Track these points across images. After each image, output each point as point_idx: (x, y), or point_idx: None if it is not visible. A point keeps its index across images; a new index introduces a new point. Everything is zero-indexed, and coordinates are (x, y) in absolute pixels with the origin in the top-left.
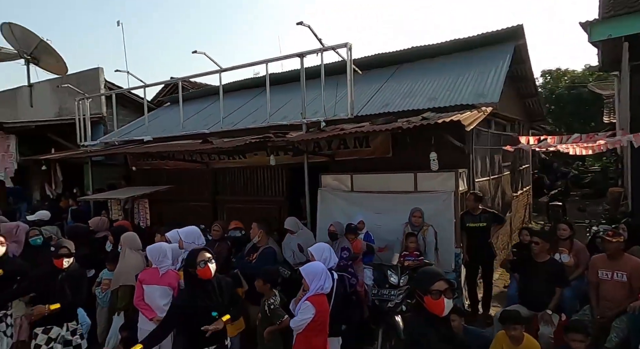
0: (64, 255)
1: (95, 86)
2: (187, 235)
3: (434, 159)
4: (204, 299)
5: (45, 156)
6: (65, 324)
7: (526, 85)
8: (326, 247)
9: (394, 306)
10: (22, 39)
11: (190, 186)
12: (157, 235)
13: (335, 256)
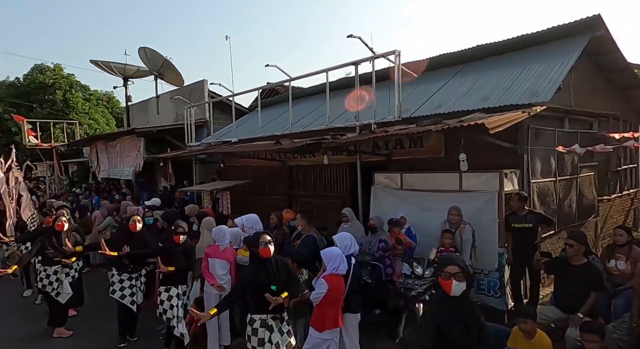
0: (180, 233)
1: (201, 95)
2: (247, 221)
3: (463, 160)
4: (264, 274)
5: (161, 154)
6: (179, 286)
7: (622, 77)
8: (348, 237)
9: (416, 294)
10: (152, 59)
11: (270, 181)
12: (229, 220)
13: (356, 244)
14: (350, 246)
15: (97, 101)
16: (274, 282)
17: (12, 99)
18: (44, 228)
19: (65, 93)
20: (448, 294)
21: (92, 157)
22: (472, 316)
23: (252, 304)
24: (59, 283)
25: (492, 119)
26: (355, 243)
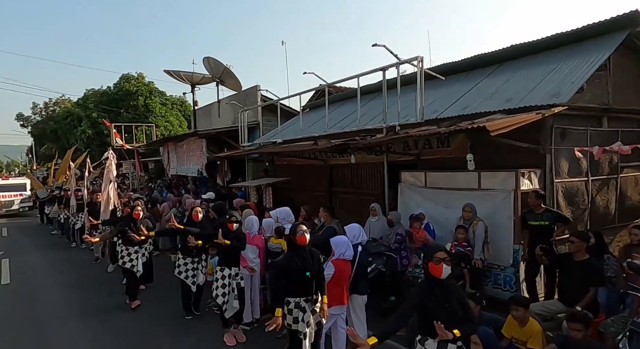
0: (233, 222)
1: (255, 99)
2: (280, 213)
3: (470, 160)
4: (300, 261)
5: (218, 154)
6: (232, 268)
7: None
8: (357, 228)
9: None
10: (214, 67)
11: (313, 179)
12: (266, 213)
13: (364, 235)
14: (358, 236)
15: (172, 105)
16: (308, 269)
17: (104, 105)
18: (124, 215)
19: (146, 99)
20: (433, 277)
21: (164, 156)
22: (456, 297)
23: (287, 289)
24: (135, 261)
25: (496, 122)
26: (363, 234)
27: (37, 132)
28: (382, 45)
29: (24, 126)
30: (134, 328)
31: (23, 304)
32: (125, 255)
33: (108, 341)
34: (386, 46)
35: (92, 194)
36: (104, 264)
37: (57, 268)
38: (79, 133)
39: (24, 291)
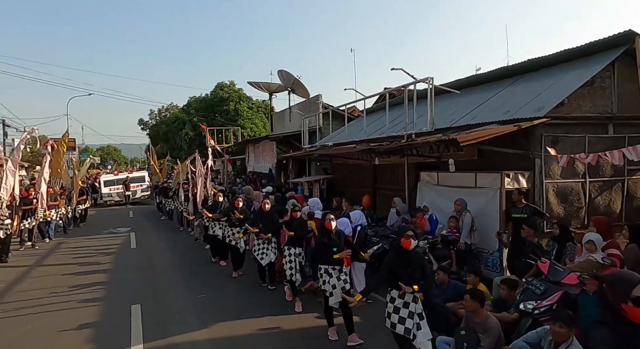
0: (297, 210)
1: (317, 107)
2: (311, 202)
3: (451, 164)
4: (328, 240)
5: (284, 154)
6: (297, 248)
7: None
8: (358, 213)
9: None
10: (286, 78)
11: (361, 176)
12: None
13: (364, 219)
14: (358, 220)
15: (257, 108)
16: (334, 245)
17: (203, 110)
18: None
19: (236, 104)
20: (403, 249)
21: (246, 155)
22: (417, 264)
23: (320, 259)
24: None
25: (466, 135)
26: (363, 218)
27: (152, 133)
28: (399, 68)
29: (143, 129)
30: (215, 280)
31: (144, 260)
32: (230, 235)
33: (196, 286)
34: (403, 69)
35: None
36: (201, 245)
37: (166, 242)
38: (183, 135)
39: (145, 253)
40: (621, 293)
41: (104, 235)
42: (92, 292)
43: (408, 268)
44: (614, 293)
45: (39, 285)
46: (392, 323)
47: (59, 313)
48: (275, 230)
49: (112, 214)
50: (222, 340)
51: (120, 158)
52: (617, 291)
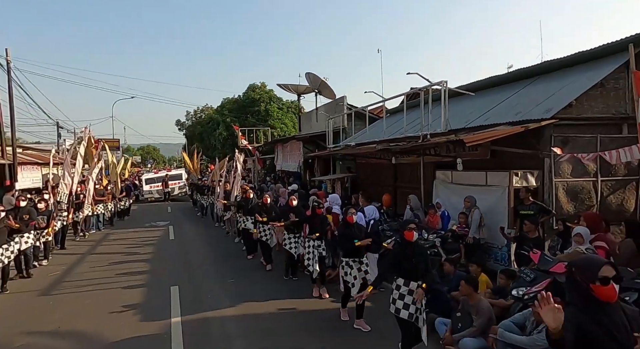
0: (317, 207)
1: (342, 108)
2: (331, 198)
3: (459, 163)
4: (350, 232)
5: (310, 154)
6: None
7: None
8: (371, 208)
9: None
10: (313, 80)
11: (382, 175)
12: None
13: (377, 214)
14: (372, 214)
15: (287, 109)
16: (355, 237)
17: (235, 111)
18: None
19: (266, 105)
20: (406, 241)
21: (275, 154)
22: (421, 255)
23: (342, 251)
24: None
25: (471, 136)
26: (376, 213)
27: (188, 133)
28: (414, 73)
29: (180, 129)
30: (243, 269)
31: (181, 250)
32: (262, 231)
33: (226, 272)
34: (419, 73)
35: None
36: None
37: (201, 235)
38: (217, 135)
39: (181, 244)
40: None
41: (145, 228)
42: (137, 275)
43: (412, 259)
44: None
45: (93, 268)
46: (396, 309)
47: (111, 291)
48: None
49: (152, 209)
50: (247, 316)
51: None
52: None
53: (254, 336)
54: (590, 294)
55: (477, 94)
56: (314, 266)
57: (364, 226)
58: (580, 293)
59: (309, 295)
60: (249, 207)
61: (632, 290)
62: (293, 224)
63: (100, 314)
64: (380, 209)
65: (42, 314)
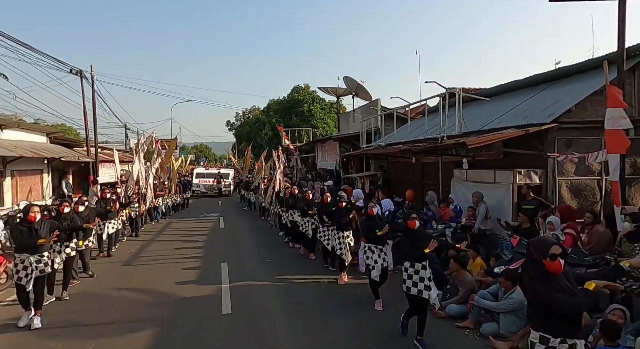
0: (343, 201)
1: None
2: (355, 192)
3: (465, 162)
4: (372, 223)
5: (345, 153)
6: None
7: None
8: (387, 201)
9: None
10: (351, 83)
11: (411, 173)
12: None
13: (392, 206)
14: (387, 206)
15: (330, 109)
16: (376, 227)
17: (280, 112)
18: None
19: (310, 105)
20: (410, 228)
21: (315, 153)
22: (424, 238)
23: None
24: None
25: (474, 139)
26: (391, 205)
27: (237, 133)
28: (432, 81)
29: (230, 130)
30: (281, 253)
31: (229, 236)
32: (303, 224)
33: (266, 254)
34: (436, 81)
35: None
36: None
37: (247, 226)
38: (263, 135)
39: (230, 231)
40: (541, 251)
41: (200, 218)
42: (195, 253)
43: (416, 243)
44: (536, 252)
45: (160, 248)
46: (407, 287)
47: (176, 264)
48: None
49: (205, 203)
50: (280, 286)
51: (210, 155)
52: (538, 250)
53: (286, 297)
54: (543, 268)
55: (497, 98)
56: (347, 255)
57: (384, 217)
58: (536, 267)
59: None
60: (293, 202)
61: (581, 266)
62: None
63: (169, 280)
64: (403, 203)
65: (126, 277)
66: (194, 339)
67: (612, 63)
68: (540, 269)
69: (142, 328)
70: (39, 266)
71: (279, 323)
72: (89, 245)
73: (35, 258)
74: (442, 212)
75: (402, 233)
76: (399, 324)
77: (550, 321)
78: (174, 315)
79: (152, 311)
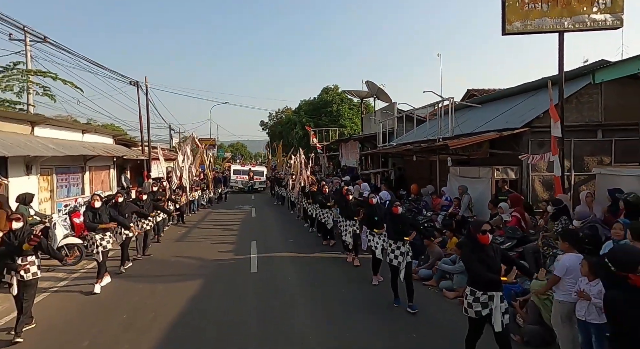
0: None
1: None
2: (362, 186)
3: (449, 160)
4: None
5: (363, 152)
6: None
7: None
8: (386, 193)
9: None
10: (372, 87)
11: (421, 169)
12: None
13: (389, 196)
14: (386, 197)
15: (358, 109)
16: (377, 215)
17: (311, 112)
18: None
19: (338, 106)
20: (394, 213)
21: (340, 152)
22: (407, 222)
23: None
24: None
25: (454, 141)
26: (388, 196)
27: (270, 132)
28: (429, 91)
29: (263, 129)
30: (302, 237)
31: (259, 223)
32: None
33: (289, 237)
34: (433, 91)
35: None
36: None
37: (276, 216)
38: (294, 134)
39: (260, 220)
40: (476, 228)
41: (235, 209)
42: (230, 235)
43: (399, 225)
44: (473, 228)
45: (202, 231)
46: (390, 259)
47: (215, 241)
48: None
49: (240, 197)
50: (297, 257)
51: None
52: (474, 227)
53: (301, 266)
54: (476, 240)
55: (491, 104)
56: (349, 238)
57: (384, 207)
58: (471, 239)
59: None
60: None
61: (514, 238)
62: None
63: (212, 251)
64: (408, 196)
65: (181, 249)
66: (230, 287)
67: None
68: (474, 241)
69: (194, 280)
70: (103, 242)
71: (291, 278)
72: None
73: (100, 236)
74: (434, 202)
75: (388, 216)
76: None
77: (475, 279)
78: (216, 272)
79: (201, 270)
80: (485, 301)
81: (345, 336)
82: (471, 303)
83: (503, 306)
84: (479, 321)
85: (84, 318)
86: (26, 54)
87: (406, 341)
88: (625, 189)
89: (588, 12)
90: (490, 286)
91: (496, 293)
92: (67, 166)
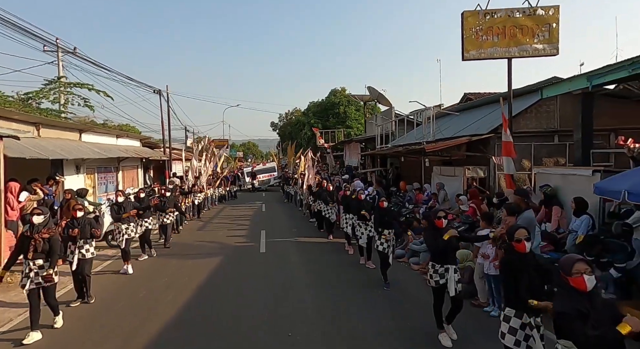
0: (344, 189)
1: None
2: (355, 183)
3: (427, 161)
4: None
5: (363, 153)
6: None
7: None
8: (359, 183)
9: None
10: (373, 91)
11: (414, 169)
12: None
13: (362, 185)
14: (358, 186)
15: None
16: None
17: (319, 114)
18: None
19: (345, 107)
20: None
21: (344, 152)
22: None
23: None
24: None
25: (430, 145)
26: (361, 185)
27: (280, 133)
28: (415, 100)
29: (274, 130)
30: (305, 229)
31: (268, 216)
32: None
33: (294, 227)
34: (417, 101)
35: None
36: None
37: (284, 211)
38: (303, 134)
39: (269, 214)
40: (434, 215)
41: (247, 205)
42: (243, 225)
43: (385, 217)
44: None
45: (219, 223)
46: (377, 245)
47: (230, 230)
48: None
49: (251, 194)
50: (299, 241)
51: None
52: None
53: (302, 248)
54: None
55: (470, 111)
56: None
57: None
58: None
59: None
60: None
61: (466, 223)
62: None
63: (227, 237)
64: (398, 192)
65: (201, 236)
66: (244, 261)
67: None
68: (433, 225)
69: (216, 256)
70: (127, 231)
71: (293, 256)
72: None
73: (125, 226)
74: (417, 197)
75: (375, 209)
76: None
77: (434, 254)
78: (232, 251)
79: (220, 250)
80: (442, 273)
81: (336, 299)
82: (432, 274)
83: (456, 276)
84: (439, 290)
85: (134, 281)
86: (58, 64)
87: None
88: (553, 184)
89: (530, 42)
90: (445, 259)
91: (451, 266)
92: (105, 166)
